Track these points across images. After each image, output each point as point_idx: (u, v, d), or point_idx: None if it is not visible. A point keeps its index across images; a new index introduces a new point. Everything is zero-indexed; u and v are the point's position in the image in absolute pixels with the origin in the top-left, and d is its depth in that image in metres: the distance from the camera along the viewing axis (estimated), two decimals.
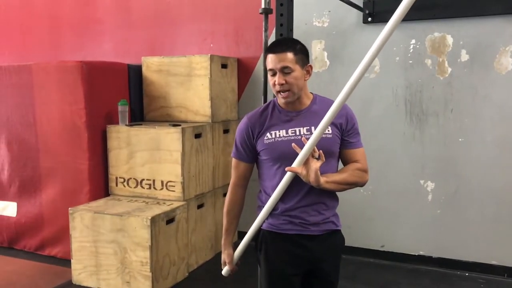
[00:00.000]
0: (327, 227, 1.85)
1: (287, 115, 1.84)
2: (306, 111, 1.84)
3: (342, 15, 3.61)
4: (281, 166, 1.80)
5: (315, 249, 1.84)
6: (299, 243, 1.83)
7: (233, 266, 2.05)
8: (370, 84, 3.56)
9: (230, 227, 2.00)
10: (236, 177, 1.95)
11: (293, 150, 1.73)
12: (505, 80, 3.22)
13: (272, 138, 1.81)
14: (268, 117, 1.85)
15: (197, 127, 3.56)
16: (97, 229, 3.18)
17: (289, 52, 1.77)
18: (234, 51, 4.08)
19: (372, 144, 3.55)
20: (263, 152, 1.84)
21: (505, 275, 3.29)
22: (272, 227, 1.86)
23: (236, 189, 1.97)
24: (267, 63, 1.80)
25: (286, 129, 1.81)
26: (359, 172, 1.84)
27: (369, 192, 3.64)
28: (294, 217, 1.82)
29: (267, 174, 1.87)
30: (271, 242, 1.87)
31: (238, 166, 1.94)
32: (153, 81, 3.88)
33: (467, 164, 3.37)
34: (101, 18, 4.59)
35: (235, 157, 1.93)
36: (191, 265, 3.55)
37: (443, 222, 3.48)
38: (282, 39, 1.86)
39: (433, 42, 3.38)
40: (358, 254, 3.68)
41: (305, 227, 1.82)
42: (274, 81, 1.78)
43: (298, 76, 1.78)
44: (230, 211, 1.99)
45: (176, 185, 3.40)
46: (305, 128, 1.81)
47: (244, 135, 1.88)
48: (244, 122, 1.89)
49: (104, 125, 3.60)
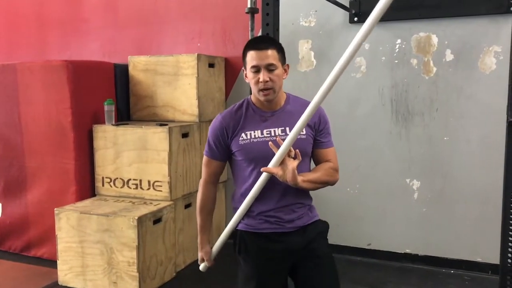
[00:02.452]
0: (301, 223, 1.87)
1: (262, 115, 1.84)
2: (280, 111, 1.85)
3: (329, 15, 3.63)
4: (256, 167, 1.81)
5: (292, 242, 1.84)
6: (276, 239, 1.84)
7: (211, 262, 2.06)
8: (356, 84, 3.59)
9: (205, 224, 2.01)
10: (208, 175, 1.95)
11: (268, 151, 1.74)
12: (489, 79, 3.26)
13: (247, 139, 1.81)
14: (242, 117, 1.84)
15: (184, 126, 3.55)
16: (84, 229, 3.16)
17: (272, 49, 1.77)
18: (222, 51, 4.08)
19: (359, 143, 3.58)
20: (238, 153, 1.83)
21: (489, 272, 3.33)
22: (248, 227, 1.88)
23: (208, 186, 1.97)
24: (249, 59, 1.78)
25: (261, 129, 1.81)
26: (331, 171, 1.86)
27: (356, 191, 3.66)
28: (270, 216, 1.83)
29: (242, 175, 1.87)
30: (250, 241, 1.88)
31: (210, 164, 1.93)
32: (140, 80, 3.86)
33: (452, 162, 3.41)
34: (87, 17, 4.56)
35: (207, 155, 1.93)
36: (179, 265, 3.54)
37: (429, 220, 3.51)
38: (262, 37, 1.86)
39: (419, 41, 3.41)
40: (345, 252, 3.70)
41: (281, 224, 1.84)
42: (257, 79, 1.76)
43: (280, 74, 1.79)
44: (203, 208, 1.98)
45: (163, 185, 3.39)
46: (279, 128, 1.81)
47: (218, 134, 1.86)
48: (218, 121, 1.87)
49: (90, 125, 3.57)
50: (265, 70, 1.75)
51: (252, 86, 1.81)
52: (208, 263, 2.06)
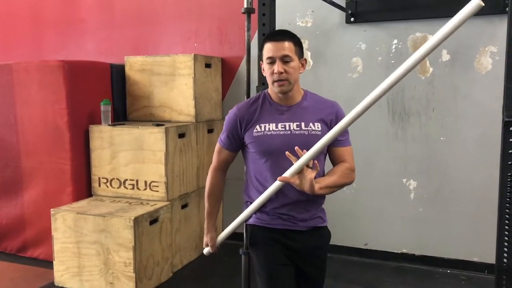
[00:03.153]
0: (314, 223, 1.87)
1: (278, 109, 1.84)
2: (297, 107, 1.84)
3: (325, 15, 3.63)
4: (268, 160, 1.81)
5: (304, 242, 1.85)
6: (289, 236, 1.84)
7: (215, 249, 2.07)
8: (353, 84, 3.59)
9: (212, 211, 2.02)
10: (218, 162, 1.96)
11: (282, 145, 1.75)
12: (485, 79, 3.27)
13: (261, 131, 1.80)
14: (258, 109, 1.84)
15: (181, 126, 3.54)
16: (80, 230, 3.15)
17: (289, 42, 1.78)
18: (218, 51, 4.08)
19: (356, 143, 3.55)
20: (251, 145, 1.83)
21: (485, 272, 3.34)
22: (260, 221, 1.87)
23: (217, 172, 1.98)
24: (265, 51, 1.79)
25: (276, 123, 1.81)
26: (347, 172, 1.84)
27: (352, 190, 3.66)
28: (283, 214, 1.83)
29: (254, 168, 1.87)
30: (261, 235, 1.87)
31: (222, 152, 1.94)
32: (136, 80, 3.85)
33: (448, 162, 3.42)
34: (83, 17, 4.55)
35: (220, 144, 1.93)
36: (176, 265, 3.53)
37: (426, 220, 3.51)
38: (282, 30, 1.86)
39: (415, 42, 3.42)
40: (342, 252, 3.70)
41: (294, 222, 1.84)
42: (272, 70, 1.76)
43: (295, 66, 1.79)
44: (211, 194, 2.00)
45: (159, 185, 3.38)
46: (295, 123, 1.81)
47: (231, 126, 1.87)
48: (234, 112, 1.88)
49: (86, 125, 3.57)
50: (280, 61, 1.75)
51: (267, 78, 1.81)
52: (212, 249, 2.07)
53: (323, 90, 3.60)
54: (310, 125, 1.81)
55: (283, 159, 1.74)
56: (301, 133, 1.80)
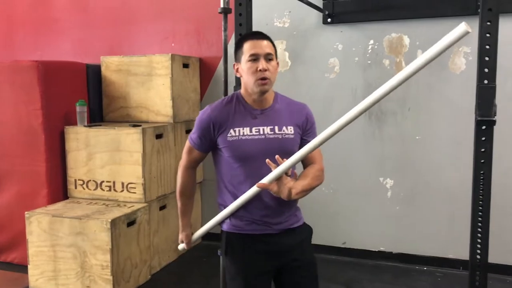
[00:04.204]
0: (289, 224, 1.86)
1: (251, 112, 1.82)
2: (270, 110, 1.83)
3: (303, 16, 3.65)
4: (243, 165, 1.79)
5: (280, 243, 1.84)
6: (264, 241, 1.83)
7: (190, 246, 2.07)
8: (330, 84, 3.62)
9: (186, 209, 2.00)
10: (188, 161, 1.93)
11: (257, 150, 1.74)
12: (459, 79, 3.33)
13: (235, 136, 1.78)
14: (232, 112, 1.81)
15: (158, 127, 3.52)
16: (55, 233, 3.10)
17: (268, 41, 1.79)
18: (196, 51, 4.06)
19: (333, 143, 3.58)
20: (225, 149, 1.80)
21: (460, 268, 3.40)
22: (235, 228, 1.85)
23: (188, 171, 1.95)
24: (247, 49, 1.76)
25: (250, 127, 1.79)
26: (319, 174, 1.86)
27: (331, 190, 3.69)
28: (258, 220, 1.82)
29: (228, 172, 1.84)
30: (236, 242, 1.86)
31: (192, 152, 1.91)
32: (113, 81, 3.81)
33: (424, 161, 3.47)
34: (57, 17, 4.47)
35: (191, 143, 1.89)
36: (154, 267, 3.50)
37: (402, 218, 3.56)
38: (258, 31, 1.86)
39: (391, 42, 3.46)
40: (321, 251, 3.70)
41: (269, 226, 1.83)
42: (256, 67, 1.73)
43: (275, 66, 1.80)
44: (183, 193, 1.97)
45: (137, 186, 3.35)
46: (268, 127, 1.80)
47: (204, 128, 1.83)
48: (207, 114, 1.83)
49: (62, 126, 3.51)
50: (264, 59, 1.75)
51: (248, 77, 1.77)
52: (186, 246, 2.06)
53: (301, 90, 3.62)
54: (283, 129, 1.81)
55: (258, 164, 1.75)
56: (275, 137, 1.79)
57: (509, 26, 3.10)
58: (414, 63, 1.46)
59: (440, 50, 1.42)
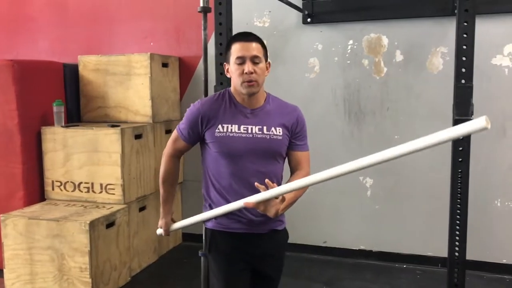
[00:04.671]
0: (273, 226, 1.89)
1: (242, 110, 1.82)
2: (260, 110, 1.84)
3: (283, 16, 3.65)
4: (229, 161, 1.80)
5: (262, 246, 1.87)
6: (248, 240, 1.85)
7: (168, 233, 2.07)
8: (310, 84, 3.63)
9: (167, 196, 2.01)
10: (173, 150, 1.94)
11: (244, 147, 1.76)
12: (437, 79, 3.37)
13: (223, 132, 1.79)
14: (222, 108, 1.82)
15: (138, 127, 3.48)
16: (32, 235, 3.03)
17: (257, 43, 1.79)
18: (175, 50, 4.03)
19: (313, 142, 3.58)
20: (212, 144, 1.82)
21: (439, 265, 3.45)
22: (220, 226, 1.87)
23: (171, 159, 1.95)
24: (234, 51, 1.77)
25: (239, 124, 1.80)
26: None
27: (311, 189, 3.67)
28: (241, 217, 1.83)
29: (214, 167, 1.85)
30: (221, 240, 1.88)
31: (178, 141, 1.91)
32: (91, 80, 3.75)
33: (403, 160, 3.45)
34: (34, 16, 4.38)
35: (178, 133, 1.89)
36: (134, 269, 3.46)
37: (382, 217, 3.60)
38: (248, 32, 1.86)
39: (370, 42, 3.49)
40: (302, 251, 3.73)
41: (253, 225, 1.84)
42: (242, 70, 1.75)
43: (263, 68, 1.80)
44: (165, 180, 1.98)
45: (116, 187, 3.31)
46: (257, 127, 1.81)
47: (192, 121, 1.84)
48: (197, 107, 1.84)
49: (38, 127, 3.44)
50: (250, 62, 1.75)
51: (235, 78, 1.79)
52: (164, 233, 2.07)
53: (281, 90, 3.59)
54: (272, 130, 1.82)
55: (244, 161, 1.78)
56: (263, 137, 1.80)
57: (486, 27, 3.15)
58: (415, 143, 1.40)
59: (449, 138, 1.33)
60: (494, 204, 3.35)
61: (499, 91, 3.26)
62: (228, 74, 1.85)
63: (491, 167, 3.32)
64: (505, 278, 3.31)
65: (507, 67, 3.24)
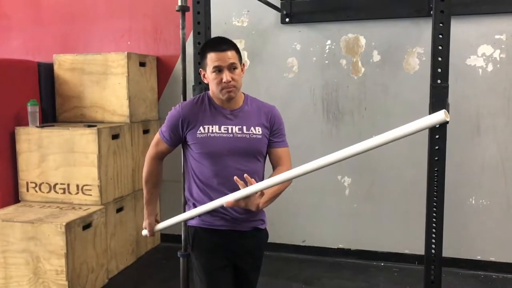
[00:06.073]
0: (255, 224, 1.94)
1: (221, 112, 1.88)
2: (239, 111, 1.89)
3: (261, 15, 3.65)
4: (211, 161, 1.84)
5: (245, 244, 1.92)
6: (231, 237, 1.89)
7: (152, 234, 2.12)
8: (288, 84, 3.64)
9: (151, 197, 2.04)
10: (156, 152, 1.98)
11: (225, 147, 1.81)
12: (413, 79, 3.42)
13: (204, 133, 1.84)
14: (202, 110, 1.88)
15: (115, 127, 3.43)
16: (6, 238, 2.97)
17: (232, 51, 1.83)
18: (153, 49, 3.99)
19: (292, 142, 3.58)
20: (194, 146, 1.86)
21: (416, 263, 3.49)
22: (204, 223, 1.90)
23: (154, 161, 1.99)
24: (210, 61, 1.81)
25: (219, 125, 1.85)
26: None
27: (290, 188, 3.66)
28: (225, 214, 1.86)
29: (197, 167, 1.89)
30: (204, 236, 1.91)
31: (161, 144, 1.95)
32: (66, 80, 3.68)
33: (380, 160, 3.54)
34: (8, 13, 4.28)
35: (160, 136, 1.94)
36: (111, 271, 3.42)
37: (360, 215, 3.63)
38: (221, 38, 1.90)
39: (347, 43, 3.51)
40: (281, 250, 3.74)
41: (237, 223, 1.88)
42: (220, 79, 1.79)
43: (240, 73, 1.85)
44: (148, 181, 2.01)
45: (92, 188, 3.26)
46: (237, 127, 1.86)
47: (173, 124, 1.88)
48: (177, 111, 1.89)
49: (12, 127, 3.37)
50: (227, 70, 1.79)
51: (213, 86, 1.83)
52: (149, 234, 2.11)
53: (260, 90, 3.62)
54: (251, 129, 1.88)
55: (226, 160, 1.83)
56: (243, 137, 1.86)
57: (461, 28, 3.21)
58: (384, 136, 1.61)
59: (414, 131, 1.55)
60: (469, 201, 3.42)
61: (473, 91, 3.32)
62: (206, 80, 1.89)
63: (466, 165, 3.39)
64: (479, 274, 3.38)
65: (481, 68, 3.30)
